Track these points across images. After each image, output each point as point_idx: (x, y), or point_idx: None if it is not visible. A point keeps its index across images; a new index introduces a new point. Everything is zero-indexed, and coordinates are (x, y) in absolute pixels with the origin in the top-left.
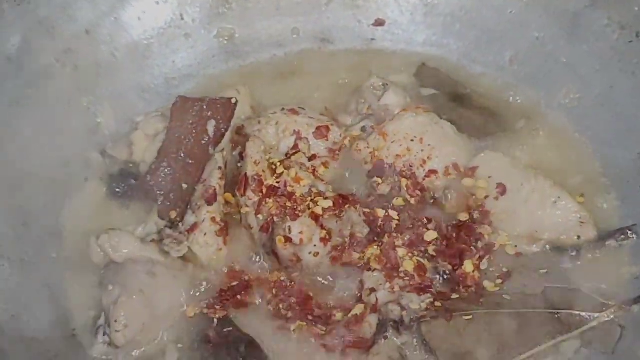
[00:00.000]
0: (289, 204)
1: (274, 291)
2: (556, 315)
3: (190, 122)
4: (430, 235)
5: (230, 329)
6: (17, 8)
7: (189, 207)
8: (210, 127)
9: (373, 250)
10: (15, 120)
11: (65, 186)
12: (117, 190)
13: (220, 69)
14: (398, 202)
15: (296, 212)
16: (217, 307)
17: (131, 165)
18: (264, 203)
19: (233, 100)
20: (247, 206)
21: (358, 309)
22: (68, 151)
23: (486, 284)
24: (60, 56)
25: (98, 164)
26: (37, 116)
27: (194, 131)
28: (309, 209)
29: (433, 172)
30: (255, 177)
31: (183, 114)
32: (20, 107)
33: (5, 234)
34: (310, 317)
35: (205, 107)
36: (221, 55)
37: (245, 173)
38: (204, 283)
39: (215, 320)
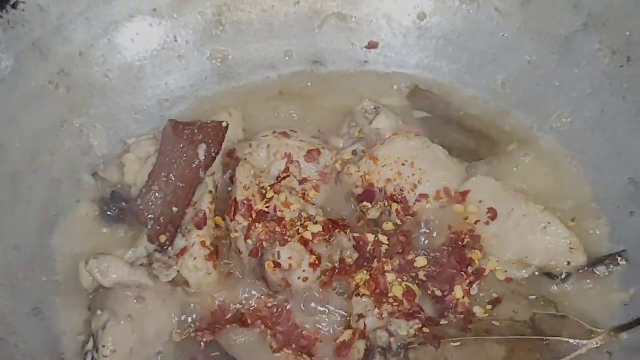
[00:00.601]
0: (278, 229)
1: (261, 320)
2: (545, 342)
3: (181, 145)
4: (421, 261)
5: (218, 353)
6: (10, 30)
7: (179, 230)
8: (201, 150)
9: (362, 276)
10: (7, 142)
11: (56, 208)
12: (109, 213)
13: (213, 90)
14: (388, 226)
15: (285, 238)
16: (205, 331)
17: (122, 187)
18: (253, 228)
19: (224, 124)
20: (236, 231)
21: (346, 335)
22: (60, 173)
23: (476, 309)
24: (54, 78)
25: (90, 186)
26: (29, 138)
27: (185, 155)
28: (299, 233)
29: (424, 196)
30: (245, 202)
31: (174, 137)
32: (13, 128)
33: None
34: (295, 346)
35: (196, 131)
36: (214, 77)
37: (235, 198)
38: (192, 307)
39: (203, 344)
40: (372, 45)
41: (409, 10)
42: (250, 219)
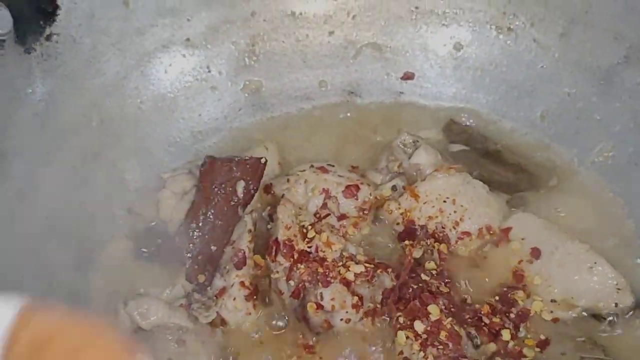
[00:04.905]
0: (320, 269)
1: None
2: None
3: (219, 183)
4: (466, 302)
5: None
6: (44, 63)
7: (217, 270)
8: (240, 188)
9: (405, 317)
10: (40, 176)
11: (91, 244)
12: (144, 250)
13: (247, 122)
14: (430, 265)
15: (328, 279)
16: None
17: (158, 223)
18: (295, 269)
19: (262, 160)
20: (277, 272)
21: None
22: (94, 208)
23: (525, 351)
24: (87, 110)
25: (124, 222)
26: (62, 172)
27: (223, 192)
28: (340, 274)
29: (466, 234)
30: (287, 242)
31: (212, 175)
32: (45, 162)
33: (30, 295)
34: None
35: (234, 167)
36: (248, 108)
37: (276, 238)
38: (231, 349)
39: None
40: (407, 76)
41: (445, 41)
42: (292, 260)
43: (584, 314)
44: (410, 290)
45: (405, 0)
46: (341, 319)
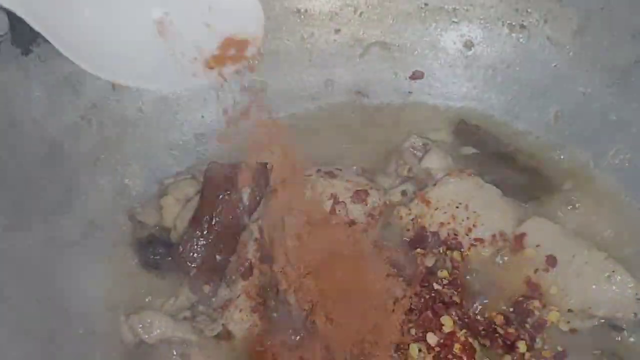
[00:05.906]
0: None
1: None
2: None
3: (224, 189)
4: (479, 313)
5: None
6: (41, 65)
7: (222, 280)
8: (245, 195)
9: (417, 329)
10: (41, 183)
11: (91, 253)
12: (146, 259)
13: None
14: (443, 274)
15: None
16: None
17: (161, 231)
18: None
19: (268, 166)
20: (285, 283)
21: None
22: (94, 214)
23: None
24: (86, 113)
25: (126, 229)
26: (62, 177)
27: (228, 199)
28: None
29: (479, 240)
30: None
31: (216, 182)
32: (44, 168)
33: (31, 308)
34: None
35: (238, 173)
36: (252, 109)
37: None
38: None
39: None
40: (416, 76)
41: (455, 39)
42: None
43: (602, 324)
44: (423, 300)
45: None
46: None
